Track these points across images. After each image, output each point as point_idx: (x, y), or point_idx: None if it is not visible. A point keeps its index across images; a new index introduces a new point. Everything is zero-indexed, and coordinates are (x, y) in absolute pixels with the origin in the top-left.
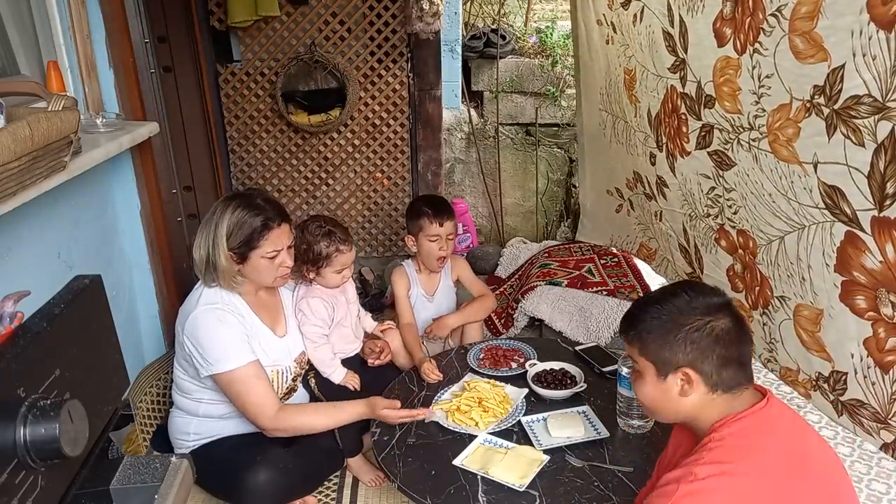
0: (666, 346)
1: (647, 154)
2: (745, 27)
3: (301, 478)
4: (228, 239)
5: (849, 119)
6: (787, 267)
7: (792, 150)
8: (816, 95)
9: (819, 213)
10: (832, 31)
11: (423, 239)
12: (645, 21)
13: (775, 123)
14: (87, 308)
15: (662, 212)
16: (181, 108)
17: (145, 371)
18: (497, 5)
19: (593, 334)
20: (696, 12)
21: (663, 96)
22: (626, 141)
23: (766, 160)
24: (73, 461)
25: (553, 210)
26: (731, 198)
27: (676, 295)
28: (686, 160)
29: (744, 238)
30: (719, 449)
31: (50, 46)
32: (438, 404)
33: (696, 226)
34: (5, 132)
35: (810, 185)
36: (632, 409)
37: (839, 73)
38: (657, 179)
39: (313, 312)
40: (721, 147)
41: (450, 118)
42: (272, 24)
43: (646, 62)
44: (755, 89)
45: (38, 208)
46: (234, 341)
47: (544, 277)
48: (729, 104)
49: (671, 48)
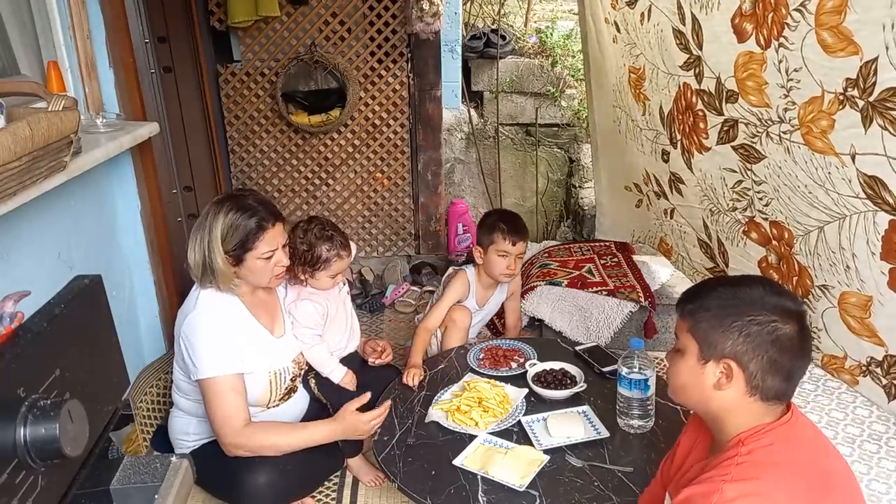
0: (719, 329)
1: (657, 152)
2: (767, 22)
3: (301, 478)
4: (223, 242)
5: (885, 111)
6: (829, 256)
7: (827, 142)
8: (850, 88)
9: (860, 203)
10: (862, 25)
11: (493, 253)
12: (653, 20)
13: (807, 116)
14: (87, 308)
15: (675, 209)
16: (181, 108)
17: (145, 371)
18: (497, 5)
19: (593, 334)
20: (710, 9)
21: (675, 94)
22: (634, 139)
23: (800, 152)
24: (73, 461)
25: (553, 210)
26: (763, 190)
27: (752, 285)
28: (706, 156)
29: (778, 229)
30: (748, 464)
31: (50, 46)
32: (438, 404)
33: (720, 220)
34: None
35: (849, 175)
36: (632, 409)
37: (872, 66)
38: (671, 177)
39: (304, 316)
40: (748, 140)
41: (450, 118)
42: (272, 24)
43: (655, 60)
44: (783, 83)
45: (38, 208)
46: (222, 349)
47: (544, 277)
48: (755, 98)
49: (683, 46)
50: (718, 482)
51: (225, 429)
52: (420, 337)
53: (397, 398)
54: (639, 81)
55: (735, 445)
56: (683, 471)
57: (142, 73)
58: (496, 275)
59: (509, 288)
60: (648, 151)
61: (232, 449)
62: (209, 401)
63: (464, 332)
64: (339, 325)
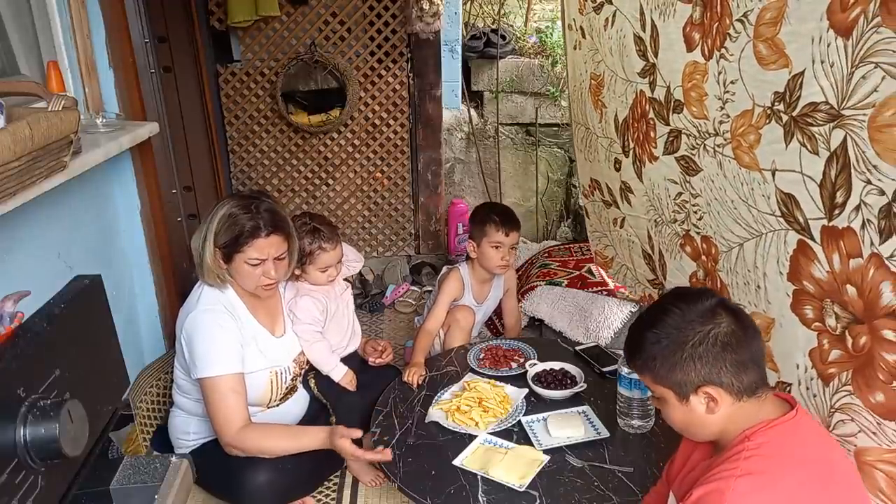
0: (675, 368)
1: (610, 160)
2: (712, 32)
3: (301, 478)
4: (217, 235)
5: (805, 126)
6: (745, 274)
7: (753, 157)
8: (777, 102)
9: (775, 221)
10: (794, 38)
11: (486, 245)
12: (616, 25)
13: (738, 129)
14: (87, 308)
15: (625, 218)
16: (181, 108)
17: (145, 371)
18: (497, 5)
19: (593, 334)
20: (668, 16)
21: (632, 101)
22: (585, 148)
23: (730, 166)
24: (73, 461)
25: (553, 210)
26: (697, 203)
27: (667, 312)
28: (654, 165)
29: (707, 244)
30: (756, 458)
31: (50, 46)
32: (438, 404)
33: (662, 231)
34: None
35: (768, 192)
36: (632, 409)
37: (799, 80)
38: (621, 185)
39: (304, 312)
40: (688, 152)
41: (450, 118)
42: (272, 24)
43: (615, 67)
44: (720, 95)
45: (38, 208)
46: (223, 348)
47: (544, 277)
48: (696, 109)
49: (642, 52)
50: (729, 478)
51: (225, 430)
52: (421, 340)
53: (397, 398)
54: (598, 88)
55: (742, 441)
56: (687, 470)
57: (142, 73)
58: (491, 267)
59: (505, 283)
60: (602, 159)
61: (229, 448)
62: (210, 400)
63: (466, 332)
64: (339, 324)
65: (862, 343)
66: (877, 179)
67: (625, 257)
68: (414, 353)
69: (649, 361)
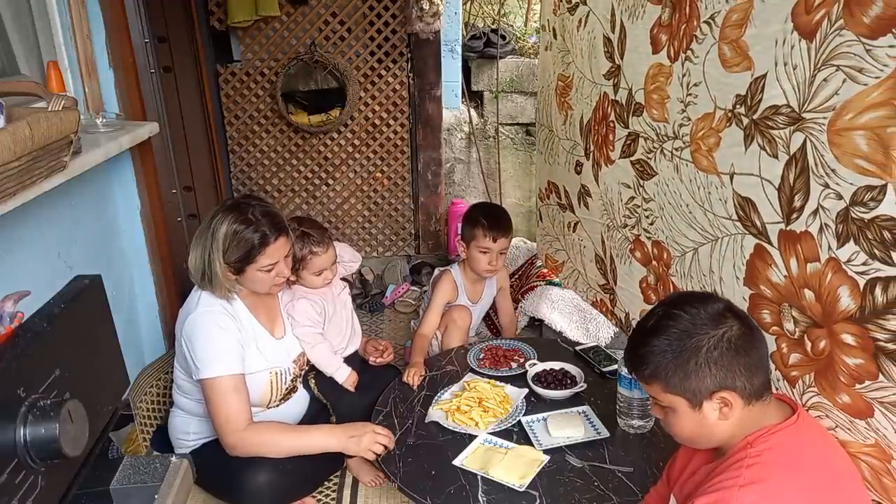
0: (690, 375)
1: (571, 163)
2: (679, 34)
3: (301, 478)
4: (225, 254)
5: (766, 129)
6: (700, 279)
7: (711, 160)
8: (738, 105)
9: (732, 225)
10: (758, 40)
11: (474, 249)
12: (589, 26)
13: (698, 132)
14: (87, 308)
15: (580, 222)
16: (181, 108)
17: (145, 371)
18: (497, 5)
19: (593, 334)
20: (636, 17)
21: (595, 104)
22: (546, 150)
23: (687, 170)
24: (73, 461)
25: None
26: (650, 208)
27: (676, 318)
28: (610, 169)
29: (658, 249)
30: (758, 466)
31: (50, 46)
32: (438, 404)
33: (613, 236)
34: (5, 132)
35: (726, 196)
36: (632, 409)
37: (761, 83)
38: (581, 189)
39: (301, 315)
40: (644, 156)
41: (450, 118)
42: (272, 24)
43: (584, 68)
44: (683, 97)
45: (38, 208)
46: (224, 349)
47: (544, 277)
48: (657, 112)
49: (609, 54)
50: (732, 488)
51: (227, 429)
52: (418, 343)
53: (397, 398)
54: (566, 90)
55: (744, 447)
56: (689, 473)
57: (142, 73)
58: (478, 270)
59: (498, 281)
60: (563, 162)
61: (232, 449)
62: (211, 401)
63: (464, 332)
64: (338, 324)
65: (821, 347)
66: (835, 184)
67: (576, 262)
68: (412, 354)
69: (660, 371)
